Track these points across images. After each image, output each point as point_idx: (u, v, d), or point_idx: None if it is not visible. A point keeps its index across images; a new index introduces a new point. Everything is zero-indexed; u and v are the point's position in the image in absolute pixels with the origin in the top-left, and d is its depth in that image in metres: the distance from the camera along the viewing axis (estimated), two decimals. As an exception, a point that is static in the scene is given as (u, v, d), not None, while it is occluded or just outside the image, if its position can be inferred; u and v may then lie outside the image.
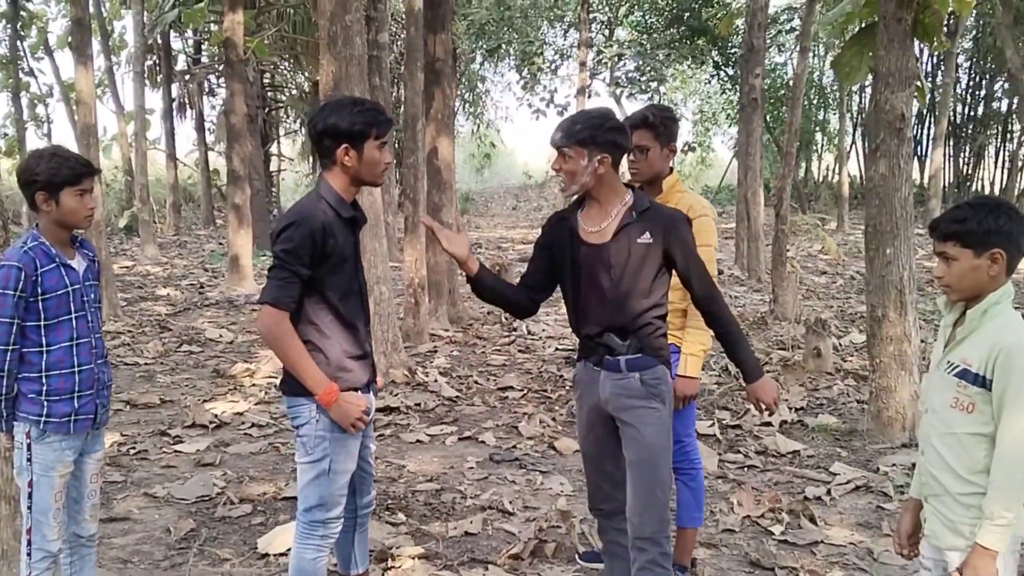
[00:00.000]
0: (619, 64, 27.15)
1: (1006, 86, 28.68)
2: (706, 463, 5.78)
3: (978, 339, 2.72)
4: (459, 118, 30.21)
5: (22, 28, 22.38)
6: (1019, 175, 30.56)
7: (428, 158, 10.59)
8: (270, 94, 24.48)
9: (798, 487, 5.87)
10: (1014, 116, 30.07)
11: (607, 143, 3.39)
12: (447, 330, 10.88)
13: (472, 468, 6.14)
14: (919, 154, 34.01)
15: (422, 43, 10.17)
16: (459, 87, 27.22)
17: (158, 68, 23.56)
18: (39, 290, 3.45)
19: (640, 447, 3.44)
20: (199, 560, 4.72)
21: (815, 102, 31.43)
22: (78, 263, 3.63)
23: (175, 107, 23.99)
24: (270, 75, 24.42)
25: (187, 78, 24.20)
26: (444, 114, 10.96)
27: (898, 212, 6.57)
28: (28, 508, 3.54)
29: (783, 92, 28.16)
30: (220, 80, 25.01)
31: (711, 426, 6.94)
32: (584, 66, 23.53)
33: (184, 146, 27.38)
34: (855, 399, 7.87)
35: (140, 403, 7.71)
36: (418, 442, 6.72)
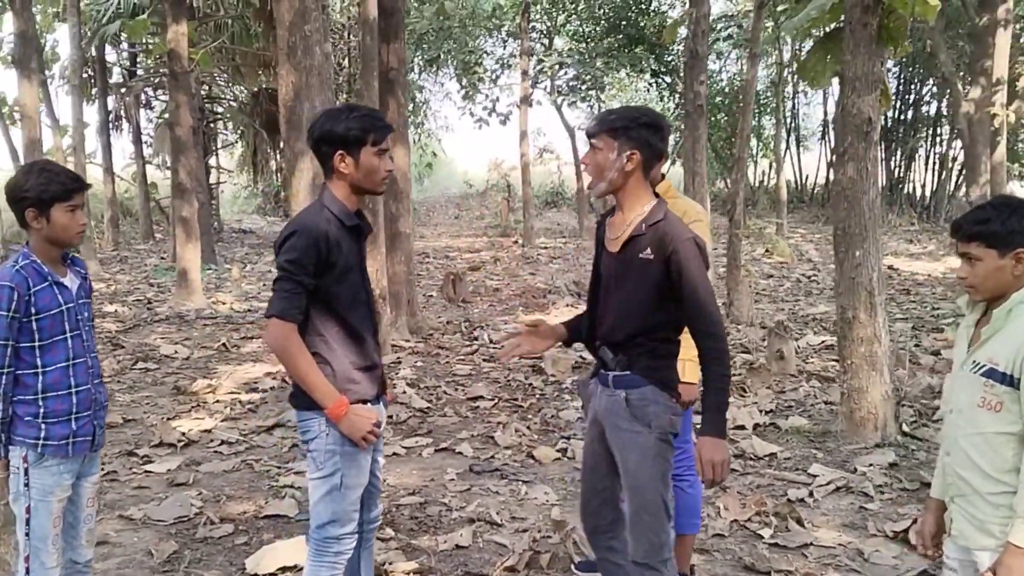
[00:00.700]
0: (560, 73, 27.22)
1: (935, 90, 29.29)
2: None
3: (1004, 338, 2.73)
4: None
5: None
6: (949, 177, 31.25)
7: (384, 168, 10.51)
8: (208, 106, 24.18)
9: (780, 490, 5.90)
10: (943, 119, 30.75)
11: (639, 139, 3.26)
12: (408, 340, 10.79)
13: (453, 480, 6.08)
14: (852, 158, 34.61)
15: (377, 52, 10.09)
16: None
17: (93, 81, 23.12)
18: (32, 310, 3.35)
19: (626, 472, 3.37)
20: (188, 583, 4.62)
21: (752, 110, 31.79)
22: (71, 281, 3.52)
23: (111, 120, 23.55)
24: (207, 86, 24.12)
25: (123, 91, 23.78)
26: (398, 124, 10.87)
27: (867, 215, 6.65)
28: (26, 535, 3.42)
29: (719, 99, 28.50)
30: (157, 92, 24.65)
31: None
32: (526, 75, 23.54)
33: (120, 160, 26.92)
34: (823, 400, 7.95)
35: (103, 423, 7.51)
36: (394, 455, 6.63)
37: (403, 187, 10.92)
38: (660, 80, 28.77)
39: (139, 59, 25.32)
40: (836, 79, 7.32)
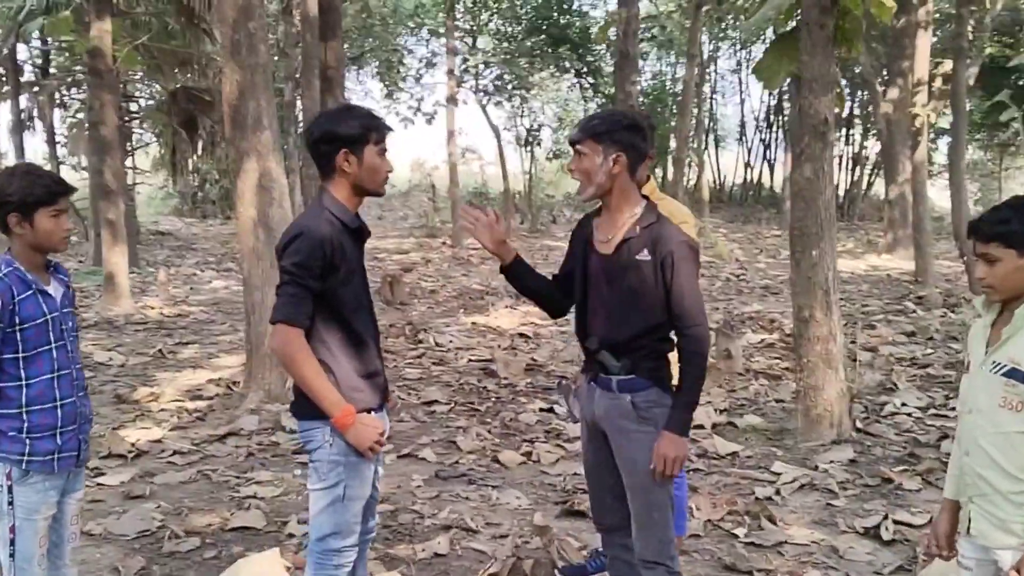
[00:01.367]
0: (485, 72, 27.22)
1: (848, 91, 29.93)
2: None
3: None
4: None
5: None
6: (863, 176, 32.01)
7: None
8: (123, 105, 23.56)
9: (747, 488, 5.93)
10: (855, 120, 31.49)
11: (623, 141, 3.30)
12: (351, 344, 10.61)
13: (420, 486, 5.99)
14: (768, 158, 35.31)
15: (319, 51, 9.93)
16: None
17: (4, 80, 22.39)
18: (16, 320, 3.20)
19: (633, 472, 3.39)
20: (162, 600, 4.47)
21: (672, 110, 32.17)
22: (55, 289, 3.38)
23: (24, 120, 22.82)
24: (123, 85, 23.52)
25: (35, 90, 23.07)
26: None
27: (823, 215, 6.72)
28: (10, 556, 3.27)
29: (642, 100, 28.74)
30: (71, 91, 23.96)
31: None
32: (452, 74, 23.46)
33: (34, 161, 26.07)
34: (773, 398, 8.04)
35: (44, 434, 7.25)
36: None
37: (343, 188, 10.78)
38: (584, 80, 28.90)
39: (51, 57, 24.59)
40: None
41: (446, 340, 10.77)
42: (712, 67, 33.24)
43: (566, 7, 27.26)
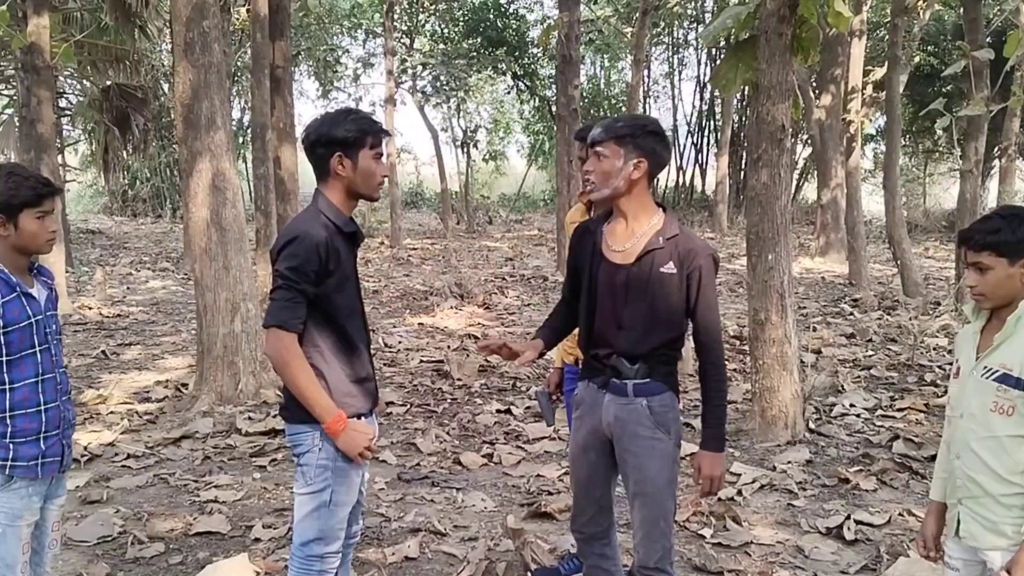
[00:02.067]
0: (423, 73, 27.14)
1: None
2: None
3: (1016, 344, 2.82)
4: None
5: None
6: (793, 181, 32.53)
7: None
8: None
9: (708, 489, 5.99)
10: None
11: (646, 147, 3.24)
12: (301, 346, 10.53)
13: (383, 489, 5.96)
14: (699, 161, 35.74)
15: (269, 50, 9.84)
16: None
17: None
18: (0, 323, 3.12)
19: (644, 480, 3.32)
20: (133, 607, 4.39)
21: (608, 112, 32.41)
22: (38, 292, 3.32)
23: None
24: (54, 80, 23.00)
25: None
26: (286, 123, 10.65)
27: (779, 219, 6.84)
28: (-7, 563, 3.20)
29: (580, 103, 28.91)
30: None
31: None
32: (391, 74, 23.37)
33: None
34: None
35: (-9, 438, 7.08)
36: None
37: (291, 187, 10.71)
38: (520, 83, 28.97)
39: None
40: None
41: (395, 341, 10.73)
42: (646, 71, 33.58)
43: (503, 10, 27.32)
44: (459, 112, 30.35)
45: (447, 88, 26.94)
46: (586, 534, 3.63)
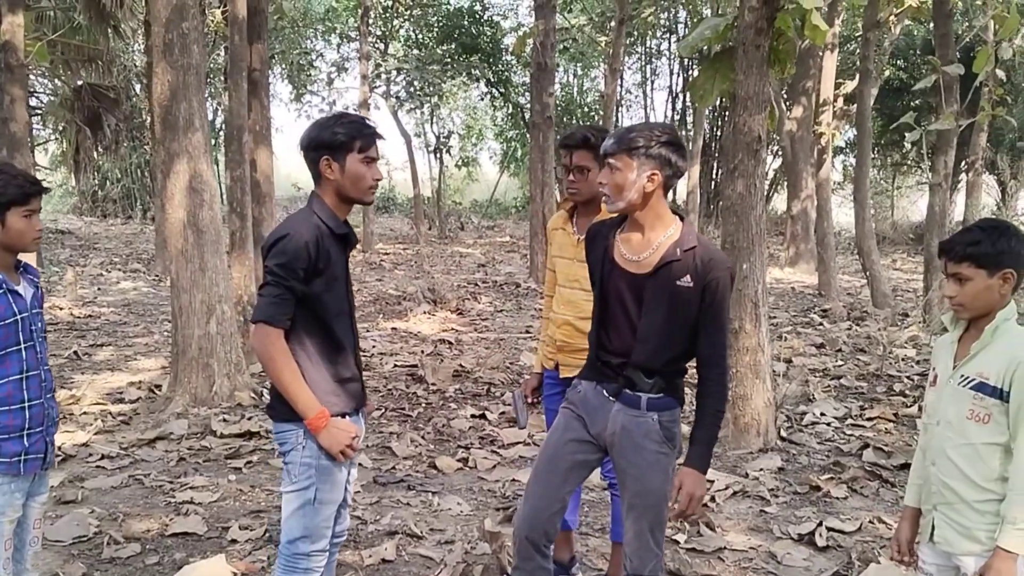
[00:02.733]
0: (397, 78, 27.13)
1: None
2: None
3: (993, 354, 2.89)
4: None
5: None
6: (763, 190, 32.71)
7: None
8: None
9: (681, 495, 6.05)
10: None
11: (660, 157, 3.17)
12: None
13: (360, 492, 5.96)
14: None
15: (246, 53, 9.83)
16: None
17: None
18: (-14, 319, 3.14)
19: (646, 491, 3.28)
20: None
21: (581, 120, 32.53)
22: (24, 289, 3.34)
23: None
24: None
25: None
26: (262, 125, 10.64)
27: (754, 229, 6.91)
28: (-25, 559, 3.21)
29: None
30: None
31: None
32: (365, 79, 23.35)
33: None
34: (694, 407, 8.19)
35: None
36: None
37: (266, 190, 10.69)
38: (494, 90, 29.03)
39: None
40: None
41: (369, 345, 10.73)
42: (620, 80, 33.76)
43: (478, 17, 27.36)
44: (432, 117, 30.37)
45: (421, 93, 26.94)
46: (540, 535, 3.45)
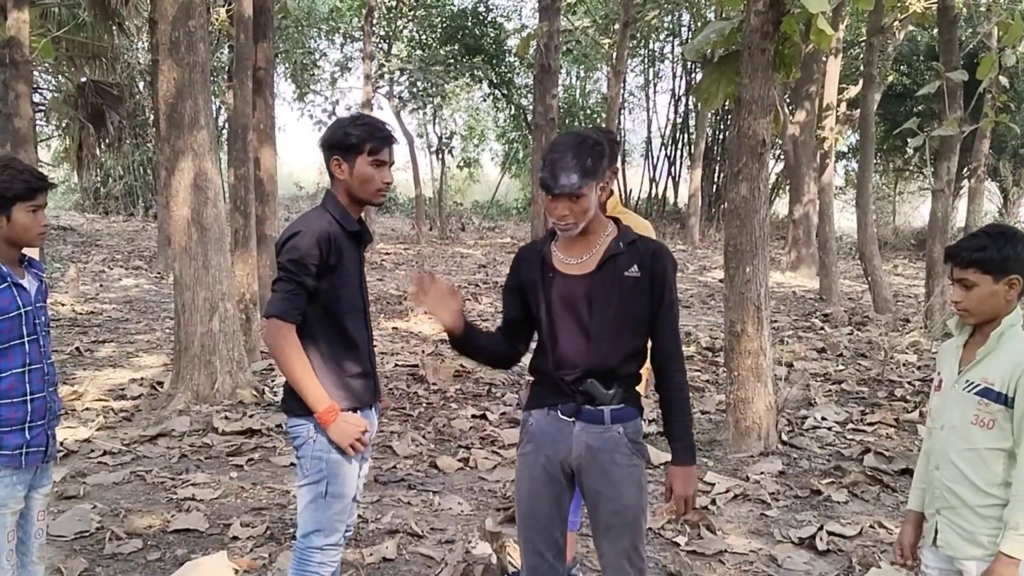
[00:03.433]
0: (400, 79, 27.13)
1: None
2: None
3: (998, 360, 2.89)
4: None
5: None
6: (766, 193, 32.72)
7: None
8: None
9: (683, 498, 6.04)
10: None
11: (605, 168, 3.12)
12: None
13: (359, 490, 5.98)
14: (672, 174, 35.91)
15: (252, 51, 9.84)
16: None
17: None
18: (-9, 312, 3.15)
19: (623, 509, 3.13)
20: (112, 602, 4.39)
21: (583, 123, 32.54)
22: (29, 283, 3.35)
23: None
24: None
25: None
26: (266, 124, 10.66)
27: (757, 232, 6.91)
28: (-20, 551, 3.22)
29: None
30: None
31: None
32: (368, 79, 23.35)
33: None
34: (699, 410, 8.21)
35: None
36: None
37: (270, 189, 10.71)
38: (497, 91, 29.05)
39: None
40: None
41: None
42: (622, 83, 33.81)
43: (481, 18, 27.40)
44: (435, 118, 30.37)
45: (424, 94, 26.94)
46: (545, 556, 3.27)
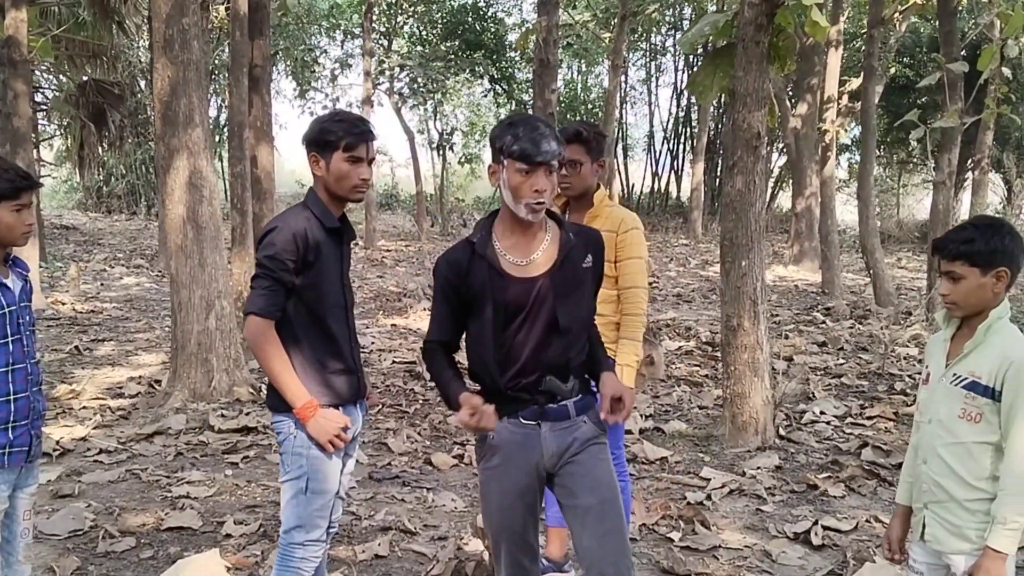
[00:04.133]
0: (401, 75, 27.11)
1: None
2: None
3: (985, 353, 2.87)
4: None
5: None
6: (768, 189, 32.75)
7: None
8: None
9: (678, 493, 6.04)
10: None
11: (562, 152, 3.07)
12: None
13: (354, 488, 5.96)
14: (674, 168, 35.88)
15: (248, 49, 9.83)
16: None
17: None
18: (-27, 312, 3.14)
19: (599, 487, 3.08)
20: (104, 601, 4.39)
21: (584, 117, 32.52)
22: (13, 282, 3.35)
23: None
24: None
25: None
26: (263, 121, 10.65)
27: (752, 226, 6.89)
28: (-36, 551, 3.22)
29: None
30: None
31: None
32: (368, 75, 23.34)
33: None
34: (697, 405, 8.20)
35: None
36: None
37: (267, 187, 10.70)
38: (497, 87, 29.03)
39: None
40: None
41: (367, 341, 10.73)
42: (623, 77, 33.77)
43: (481, 14, 27.39)
44: (436, 114, 30.33)
45: (424, 90, 26.92)
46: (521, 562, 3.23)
